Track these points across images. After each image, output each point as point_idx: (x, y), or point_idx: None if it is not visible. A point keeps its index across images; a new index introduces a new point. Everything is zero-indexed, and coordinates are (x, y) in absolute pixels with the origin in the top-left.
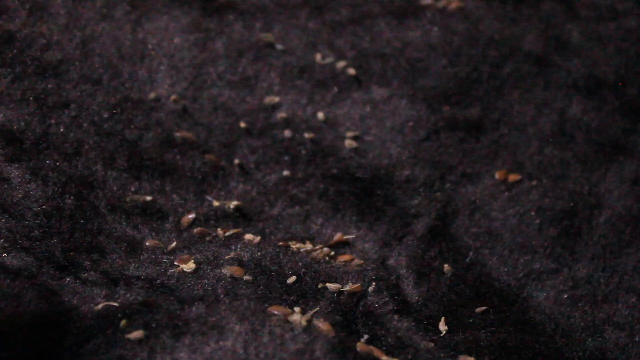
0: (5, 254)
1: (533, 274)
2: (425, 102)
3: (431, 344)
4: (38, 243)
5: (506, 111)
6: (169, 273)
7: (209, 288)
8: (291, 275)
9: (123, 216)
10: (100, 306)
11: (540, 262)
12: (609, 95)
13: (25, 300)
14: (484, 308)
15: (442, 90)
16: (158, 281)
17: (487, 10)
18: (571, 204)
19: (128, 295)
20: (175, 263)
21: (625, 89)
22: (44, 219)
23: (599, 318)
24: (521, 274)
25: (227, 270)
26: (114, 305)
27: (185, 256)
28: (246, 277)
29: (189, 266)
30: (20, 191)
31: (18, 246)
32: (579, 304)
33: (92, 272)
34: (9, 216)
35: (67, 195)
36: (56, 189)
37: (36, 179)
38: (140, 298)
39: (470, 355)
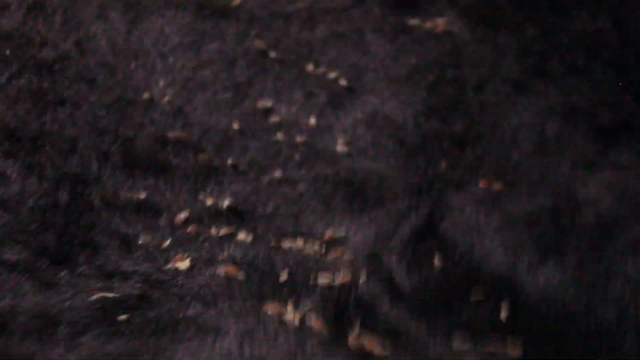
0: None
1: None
2: (413, 115)
3: (423, 329)
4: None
5: (489, 128)
6: (164, 269)
7: (205, 286)
8: (283, 272)
9: (117, 213)
10: (95, 297)
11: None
12: (582, 120)
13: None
14: (478, 298)
15: (430, 105)
16: (153, 277)
17: (471, 34)
18: (550, 204)
19: (124, 288)
20: (171, 263)
21: (597, 117)
22: (40, 214)
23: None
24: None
25: (221, 270)
26: (110, 297)
27: (180, 255)
28: (240, 276)
29: (184, 264)
30: (16, 186)
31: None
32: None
33: (86, 267)
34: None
35: (62, 191)
36: (51, 184)
37: (32, 174)
38: (136, 292)
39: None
